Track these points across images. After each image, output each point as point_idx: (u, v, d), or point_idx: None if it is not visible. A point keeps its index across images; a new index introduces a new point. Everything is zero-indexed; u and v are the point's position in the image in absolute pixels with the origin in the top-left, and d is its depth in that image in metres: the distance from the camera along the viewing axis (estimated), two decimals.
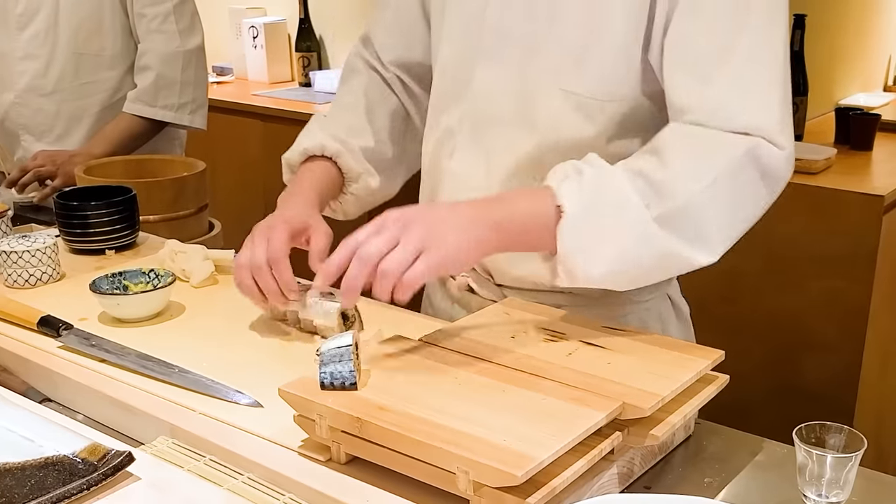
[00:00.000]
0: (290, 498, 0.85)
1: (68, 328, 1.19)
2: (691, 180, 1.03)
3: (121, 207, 1.54)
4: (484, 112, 1.22)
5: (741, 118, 1.05)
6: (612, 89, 1.14)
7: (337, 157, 1.31)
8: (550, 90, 1.16)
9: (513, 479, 0.76)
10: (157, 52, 2.13)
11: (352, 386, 0.91)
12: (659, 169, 1.03)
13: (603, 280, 1.04)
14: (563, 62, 1.15)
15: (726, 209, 1.04)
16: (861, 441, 0.85)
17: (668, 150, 1.05)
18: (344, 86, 1.44)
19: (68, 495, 0.80)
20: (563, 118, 1.16)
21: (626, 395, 0.90)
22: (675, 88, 1.10)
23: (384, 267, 0.95)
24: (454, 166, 1.26)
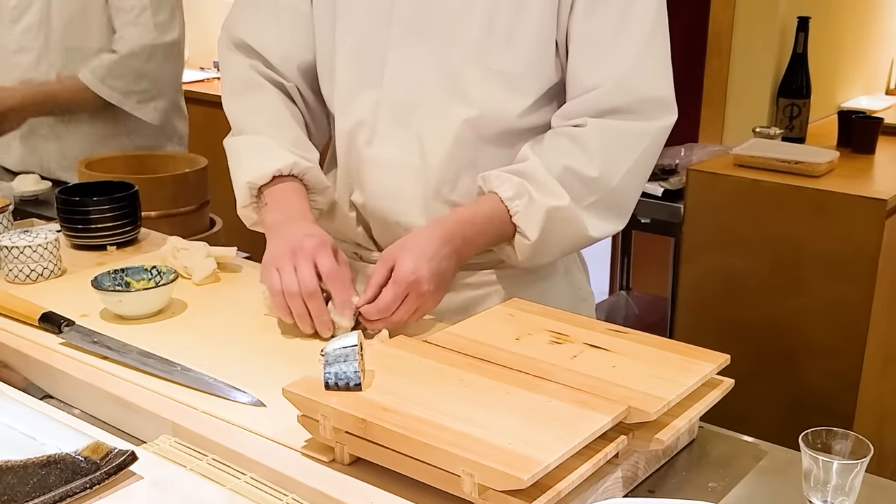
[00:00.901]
0: (293, 498, 0.85)
1: (70, 325, 1.19)
2: (614, 170, 1.23)
3: (123, 203, 1.53)
4: (405, 97, 1.27)
5: (645, 92, 1.23)
6: (537, 65, 1.24)
7: (305, 174, 1.30)
8: (477, 70, 1.24)
9: (519, 482, 0.76)
10: (129, 42, 2.10)
11: (356, 387, 0.91)
12: (588, 165, 1.22)
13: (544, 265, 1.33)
14: (488, 44, 1.23)
15: (636, 187, 1.28)
16: (867, 447, 0.84)
17: (593, 145, 1.22)
18: (254, 102, 1.37)
19: (70, 494, 0.80)
20: (493, 94, 1.25)
21: (632, 399, 0.89)
22: (579, 68, 1.24)
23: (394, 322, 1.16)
24: (376, 153, 1.29)
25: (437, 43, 1.25)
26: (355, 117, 1.30)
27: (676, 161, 2.63)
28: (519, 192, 1.21)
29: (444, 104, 1.25)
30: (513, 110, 1.26)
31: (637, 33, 1.22)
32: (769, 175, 2.29)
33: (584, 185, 1.22)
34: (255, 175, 1.29)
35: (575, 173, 1.22)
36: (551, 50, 1.24)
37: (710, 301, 2.39)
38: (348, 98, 1.31)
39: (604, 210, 1.25)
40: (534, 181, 1.21)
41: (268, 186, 1.29)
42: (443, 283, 1.17)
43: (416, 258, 1.14)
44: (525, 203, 1.21)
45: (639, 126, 1.24)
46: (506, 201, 1.21)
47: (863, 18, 3.14)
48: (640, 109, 1.24)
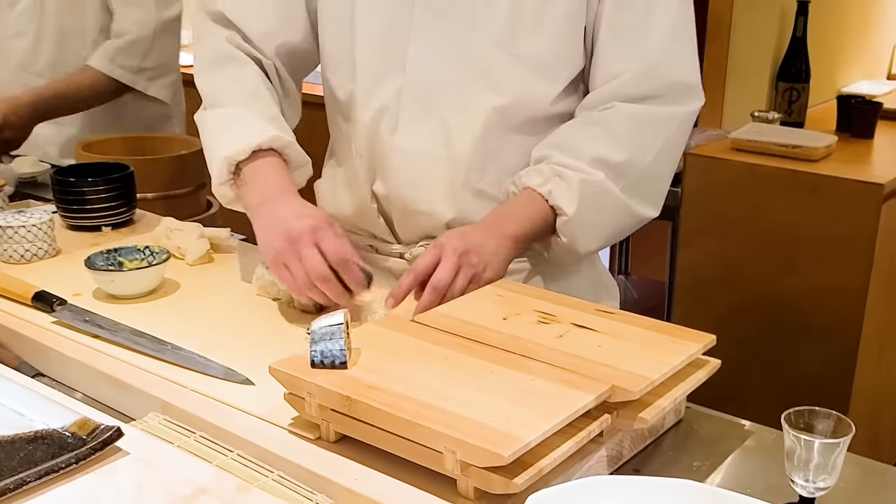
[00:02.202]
0: (279, 475, 0.86)
1: (62, 303, 1.19)
2: (643, 154, 1.23)
3: (118, 184, 1.54)
4: (429, 84, 1.24)
5: (671, 77, 1.24)
6: (565, 51, 1.24)
7: (286, 148, 1.25)
8: (504, 56, 1.22)
9: (500, 458, 0.76)
10: (135, 20, 2.09)
11: (342, 365, 0.91)
12: (615, 150, 1.22)
13: (590, 252, 1.29)
14: (516, 29, 1.21)
15: (666, 171, 1.28)
16: (849, 427, 0.85)
17: (620, 130, 1.22)
18: (230, 74, 1.31)
19: (57, 469, 0.81)
20: (522, 81, 1.23)
21: (616, 378, 0.90)
22: (607, 54, 1.23)
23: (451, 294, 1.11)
24: (399, 142, 1.27)
25: (462, 27, 1.22)
26: (378, 104, 1.27)
27: None
28: (548, 177, 1.21)
29: (471, 91, 1.24)
30: (543, 97, 1.25)
31: (664, 20, 1.22)
32: (767, 159, 2.29)
33: (613, 171, 1.22)
34: (234, 149, 1.22)
35: (603, 162, 1.21)
36: (580, 35, 1.23)
37: (708, 285, 2.40)
38: (371, 84, 1.28)
39: (636, 194, 1.24)
40: (562, 165, 1.21)
41: (246, 162, 1.22)
42: (484, 250, 1.15)
43: (464, 235, 1.15)
44: (556, 182, 1.20)
45: (666, 110, 1.24)
46: (538, 188, 1.21)
47: (863, 3, 3.13)
48: (666, 95, 1.23)
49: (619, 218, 1.25)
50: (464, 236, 1.15)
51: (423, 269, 1.12)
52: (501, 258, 1.18)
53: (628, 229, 1.30)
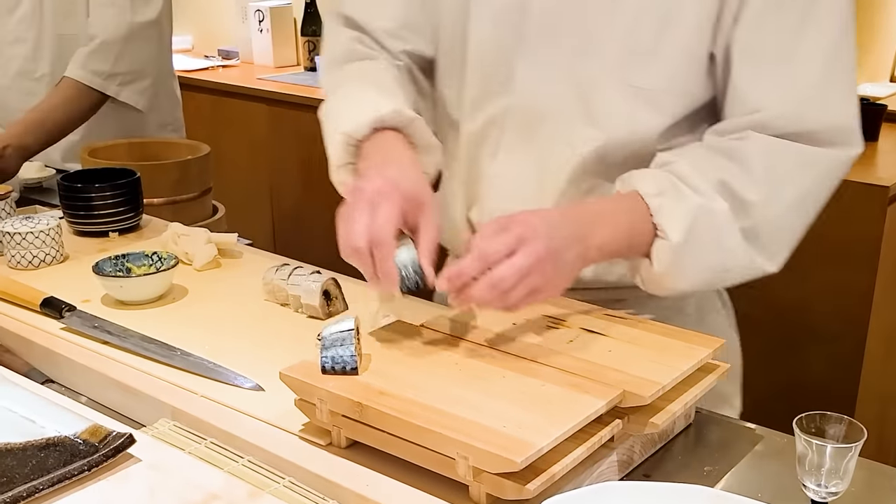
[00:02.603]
0: (290, 481, 0.86)
1: (71, 310, 1.20)
2: (778, 197, 1.04)
3: (125, 190, 1.54)
4: (532, 108, 1.13)
5: (821, 117, 1.04)
6: (683, 82, 1.08)
7: (410, 126, 1.10)
8: (614, 85, 1.09)
9: (512, 465, 0.76)
10: (106, 23, 2.04)
11: (353, 370, 0.91)
12: (748, 187, 1.02)
13: (683, 291, 1.08)
14: (630, 55, 1.08)
15: (801, 223, 1.07)
16: (861, 431, 0.85)
17: (755, 164, 1.03)
18: (356, 69, 1.21)
19: (69, 476, 0.81)
20: (630, 114, 1.09)
21: (627, 383, 0.90)
22: (747, 84, 1.05)
23: (509, 303, 0.93)
24: (498, 168, 1.17)
25: (573, 50, 1.10)
26: (482, 123, 1.18)
27: None
28: (663, 188, 1.02)
29: (573, 123, 1.11)
30: (650, 131, 1.09)
31: (817, 48, 1.03)
32: None
33: (740, 206, 1.02)
34: (354, 125, 1.08)
35: (731, 191, 1.02)
36: (702, 64, 1.08)
37: None
38: (474, 102, 1.18)
39: (757, 241, 1.04)
40: (682, 177, 1.03)
41: (367, 139, 1.08)
42: (561, 261, 0.95)
43: (534, 216, 0.96)
44: (670, 197, 1.01)
45: (815, 151, 1.03)
46: (647, 197, 1.02)
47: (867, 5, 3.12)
48: (815, 138, 1.04)
49: (732, 263, 1.05)
50: (550, 238, 0.94)
51: (495, 258, 0.92)
52: (572, 273, 0.99)
53: (736, 278, 1.08)
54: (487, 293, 0.92)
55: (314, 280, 1.20)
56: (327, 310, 1.20)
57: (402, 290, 0.96)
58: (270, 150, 3.43)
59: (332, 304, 1.21)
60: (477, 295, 0.92)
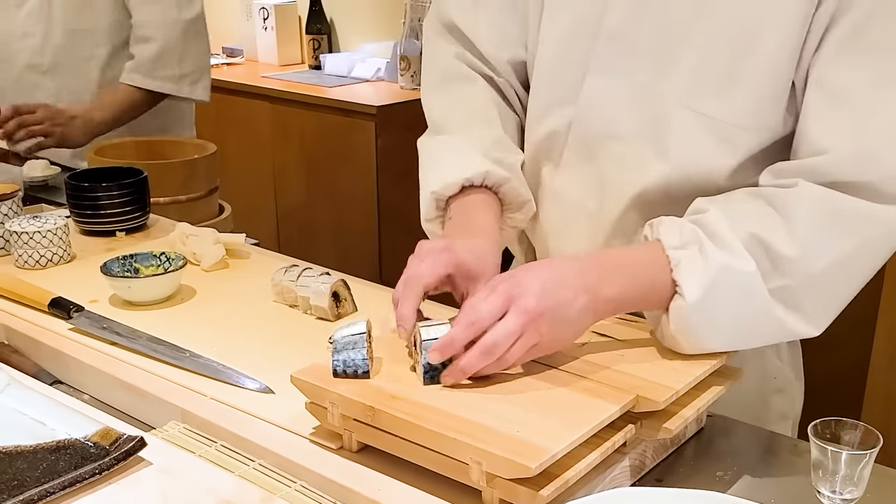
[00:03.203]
0: (302, 485, 0.85)
1: (79, 310, 1.19)
2: (819, 253, 0.94)
3: (132, 189, 1.54)
4: (598, 126, 1.09)
5: (887, 170, 0.94)
6: (760, 117, 1.01)
7: (500, 186, 1.11)
8: (686, 113, 1.02)
9: (527, 470, 0.76)
10: (157, 23, 2.09)
11: (364, 374, 0.91)
12: (785, 241, 0.94)
13: (704, 351, 0.98)
14: (704, 82, 1.01)
15: (848, 286, 0.98)
16: (877, 438, 0.84)
17: (798, 217, 0.94)
18: (456, 94, 1.20)
19: (80, 479, 0.80)
20: (700, 145, 1.03)
21: (640, 388, 0.89)
22: (815, 124, 0.97)
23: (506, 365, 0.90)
24: (558, 185, 1.14)
25: (644, 68, 1.04)
26: (545, 134, 1.14)
27: None
28: (687, 241, 0.95)
29: (638, 147, 1.06)
30: (719, 168, 1.02)
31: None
32: None
33: (772, 264, 0.94)
34: (442, 184, 1.10)
35: (764, 245, 0.94)
36: (783, 96, 0.99)
37: None
38: (540, 111, 1.15)
39: (794, 303, 0.95)
40: (710, 233, 0.95)
41: (455, 198, 1.10)
42: (562, 318, 0.91)
43: (530, 274, 0.92)
44: (692, 254, 0.95)
45: (870, 206, 0.93)
46: (669, 250, 0.96)
47: None
48: (880, 190, 0.93)
49: (758, 327, 0.97)
50: (545, 293, 0.90)
51: (487, 320, 0.89)
52: (580, 326, 0.94)
53: (767, 341, 1.01)
54: (480, 361, 0.88)
55: (323, 281, 1.20)
56: (336, 311, 1.20)
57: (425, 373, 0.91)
58: (274, 148, 3.42)
59: (341, 306, 1.21)
60: (469, 365, 0.88)
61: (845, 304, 0.99)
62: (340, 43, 3.84)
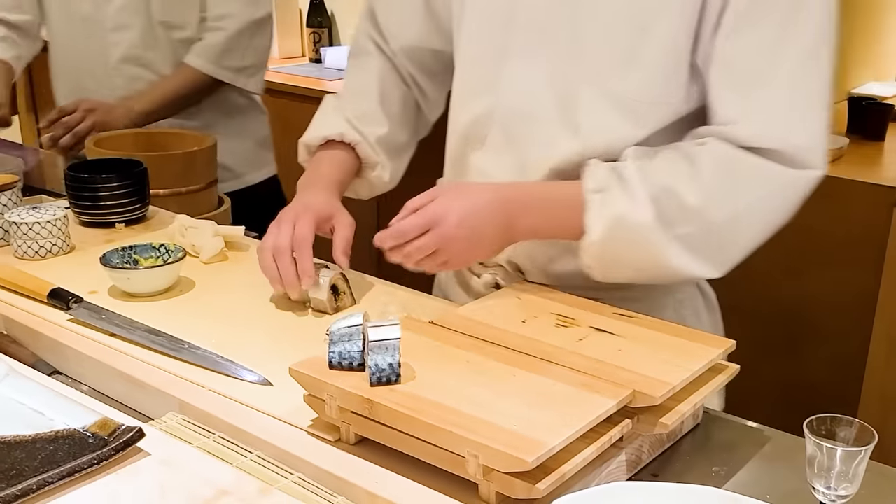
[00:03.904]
0: (299, 477, 0.86)
1: (78, 301, 1.19)
2: (719, 205, 1.05)
3: (131, 181, 1.54)
4: (517, 108, 1.17)
5: (786, 137, 1.05)
6: (661, 91, 1.10)
7: (355, 146, 1.33)
8: (594, 91, 1.11)
9: (523, 464, 0.76)
10: (234, 17, 2.11)
11: (360, 366, 0.91)
12: (691, 190, 1.05)
13: (615, 282, 1.13)
14: (610, 61, 1.10)
15: (749, 235, 1.09)
16: (872, 434, 0.85)
17: (705, 169, 1.06)
18: (355, 66, 1.42)
19: (78, 469, 0.81)
20: (609, 121, 1.12)
21: (637, 383, 0.89)
22: (719, 97, 1.08)
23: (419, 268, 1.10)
24: (482, 163, 1.22)
25: (556, 55, 1.13)
26: (468, 120, 1.24)
27: None
28: (602, 187, 1.08)
29: (553, 127, 1.14)
30: (626, 141, 1.11)
31: (793, 63, 1.04)
32: None
33: (680, 211, 1.05)
34: (309, 136, 1.35)
35: (674, 195, 1.05)
36: (683, 74, 1.09)
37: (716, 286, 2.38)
38: (464, 99, 1.26)
39: (698, 247, 1.07)
40: (621, 181, 1.07)
41: (321, 149, 1.34)
42: (476, 242, 1.08)
43: (458, 197, 1.08)
44: (600, 199, 1.07)
45: (770, 165, 1.05)
46: (586, 192, 1.08)
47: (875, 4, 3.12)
48: (777, 157, 1.06)
49: (651, 269, 1.10)
50: (462, 223, 1.07)
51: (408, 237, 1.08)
52: (490, 250, 1.12)
53: (666, 280, 1.16)
54: (389, 238, 1.08)
55: (322, 275, 1.20)
56: (335, 304, 1.20)
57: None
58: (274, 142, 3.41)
59: (339, 300, 1.21)
60: (390, 258, 1.10)
61: (745, 253, 1.10)
62: (341, 36, 3.84)
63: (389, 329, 0.90)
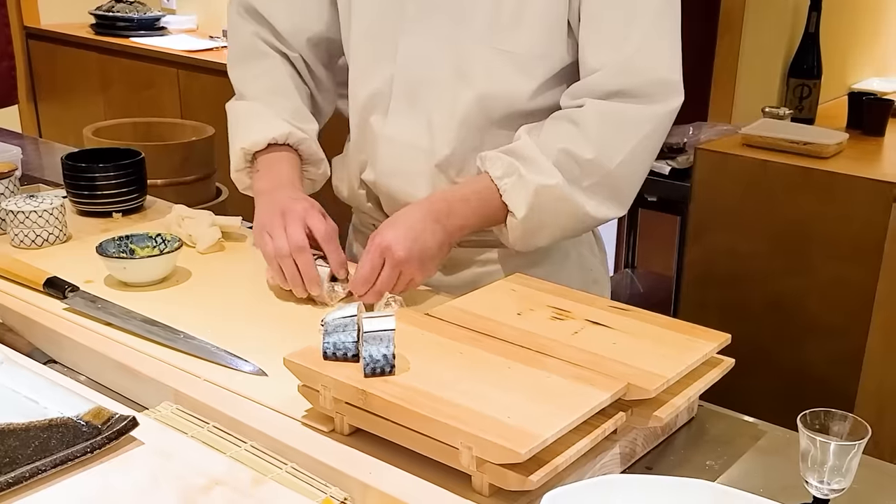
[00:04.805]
0: (293, 467, 0.86)
1: (74, 290, 1.19)
2: (611, 154, 1.21)
3: (129, 170, 1.53)
4: (417, 76, 1.26)
5: (649, 77, 1.21)
6: (545, 47, 1.23)
7: (300, 144, 1.34)
8: (485, 50, 1.23)
9: (516, 456, 0.76)
10: None
11: (354, 357, 0.91)
12: (584, 147, 1.20)
13: (546, 247, 1.30)
14: (498, 23, 1.22)
15: (638, 170, 1.25)
16: (865, 429, 0.85)
17: (590, 127, 1.20)
18: (259, 69, 1.39)
19: (72, 458, 0.81)
20: (500, 76, 1.23)
21: (631, 376, 0.89)
22: (586, 48, 1.22)
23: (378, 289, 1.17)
24: (389, 131, 1.30)
25: (448, 22, 1.24)
26: (369, 93, 1.31)
27: (684, 140, 2.62)
28: (508, 171, 1.21)
29: (453, 85, 1.25)
30: (520, 92, 1.25)
31: (645, 12, 1.20)
32: (777, 155, 2.28)
33: (580, 167, 1.21)
34: (250, 141, 1.32)
35: (571, 155, 1.20)
36: (562, 30, 1.23)
37: (715, 280, 2.39)
38: (363, 73, 1.32)
39: (603, 193, 1.23)
40: (524, 160, 1.21)
41: (262, 153, 1.32)
42: (426, 254, 1.17)
43: (395, 228, 1.17)
44: (513, 181, 1.20)
45: (640, 109, 1.21)
46: (495, 180, 1.21)
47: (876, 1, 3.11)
48: (644, 93, 1.21)
49: (573, 223, 1.25)
50: (408, 241, 1.15)
51: (373, 274, 1.16)
52: (441, 255, 1.20)
53: (584, 230, 1.32)
54: (359, 285, 1.16)
55: (319, 266, 1.19)
56: (333, 296, 1.20)
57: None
58: None
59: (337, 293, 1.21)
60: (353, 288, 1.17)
61: (639, 187, 1.27)
62: None
63: (384, 320, 0.90)
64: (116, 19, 4.04)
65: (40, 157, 2.08)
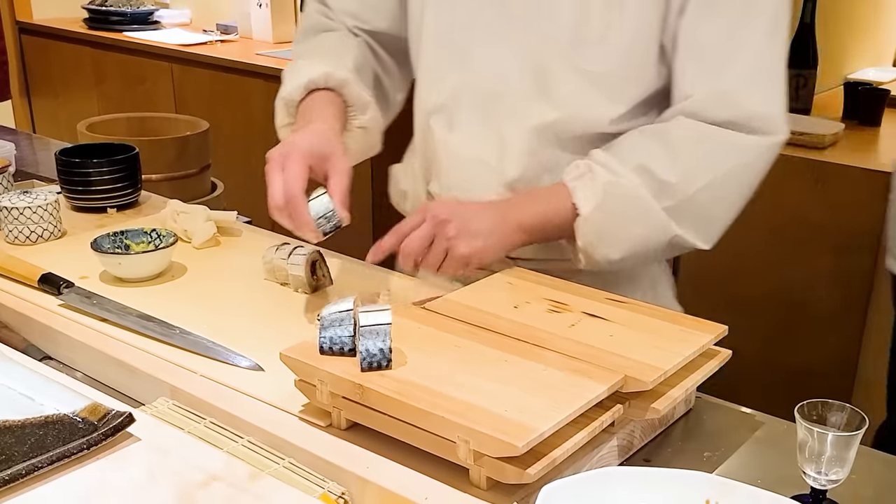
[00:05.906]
0: (290, 462, 0.85)
1: (69, 286, 1.19)
2: (694, 178, 1.11)
3: (123, 165, 1.53)
4: (489, 87, 1.19)
5: (750, 110, 1.12)
6: (632, 69, 1.15)
7: (343, 87, 1.22)
8: (567, 68, 1.15)
9: (513, 449, 0.76)
10: None
11: (350, 352, 0.91)
12: (668, 168, 1.11)
13: (620, 263, 1.16)
14: (582, 40, 1.14)
15: (727, 204, 1.14)
16: (863, 420, 0.85)
17: (678, 146, 1.12)
18: (320, 39, 1.32)
19: (68, 454, 0.80)
20: (583, 97, 1.16)
21: (628, 368, 0.89)
22: (683, 74, 1.14)
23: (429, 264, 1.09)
24: (455, 141, 1.23)
25: (527, 33, 1.16)
26: (436, 100, 1.25)
27: None
28: (581, 173, 1.13)
29: (528, 101, 1.18)
30: (602, 116, 1.16)
31: (751, 40, 1.11)
32: None
33: (659, 187, 1.11)
34: (289, 89, 1.22)
35: (649, 172, 1.11)
36: (653, 53, 1.14)
37: (712, 273, 2.39)
38: (431, 78, 1.26)
39: (684, 218, 1.13)
40: (601, 162, 1.13)
41: (302, 101, 1.22)
42: (472, 224, 1.09)
43: (447, 201, 1.14)
44: (585, 180, 1.12)
45: (738, 137, 1.12)
46: (568, 182, 1.14)
47: None
48: (746, 126, 1.12)
49: (650, 232, 1.13)
50: (456, 207, 1.11)
51: (406, 230, 1.09)
52: (495, 239, 1.11)
53: (665, 249, 1.16)
54: (409, 262, 1.09)
55: (299, 252, 1.20)
56: (314, 283, 1.20)
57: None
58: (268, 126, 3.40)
59: (317, 279, 1.21)
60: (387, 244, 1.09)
61: (726, 224, 1.16)
62: None
63: (380, 314, 0.89)
64: (109, 14, 4.02)
65: (34, 152, 2.07)
